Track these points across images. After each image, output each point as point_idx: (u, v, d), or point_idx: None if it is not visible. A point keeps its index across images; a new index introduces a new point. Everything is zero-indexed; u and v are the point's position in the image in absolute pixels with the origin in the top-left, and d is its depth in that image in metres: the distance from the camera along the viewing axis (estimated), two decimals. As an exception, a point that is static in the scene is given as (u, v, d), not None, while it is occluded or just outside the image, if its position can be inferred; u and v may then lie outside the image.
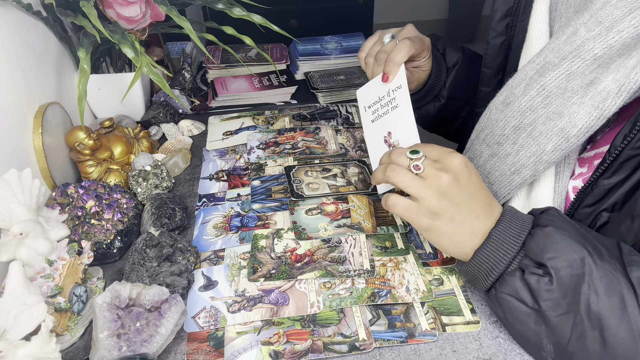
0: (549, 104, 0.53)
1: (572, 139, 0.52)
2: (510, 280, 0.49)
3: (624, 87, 0.48)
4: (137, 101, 0.94)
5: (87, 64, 0.70)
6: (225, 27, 0.89)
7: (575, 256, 0.46)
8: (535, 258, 0.48)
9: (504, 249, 0.50)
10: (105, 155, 0.78)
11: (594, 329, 0.45)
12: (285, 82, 1.08)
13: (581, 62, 0.50)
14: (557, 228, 0.48)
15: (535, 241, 0.48)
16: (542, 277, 0.47)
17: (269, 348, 0.54)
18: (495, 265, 0.51)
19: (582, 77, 0.50)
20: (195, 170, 0.85)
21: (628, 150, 0.49)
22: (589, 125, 0.51)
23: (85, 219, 0.67)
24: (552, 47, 0.53)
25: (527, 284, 0.48)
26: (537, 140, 0.55)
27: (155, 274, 0.60)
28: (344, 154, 0.86)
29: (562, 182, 0.57)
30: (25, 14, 0.75)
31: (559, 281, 0.46)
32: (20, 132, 0.70)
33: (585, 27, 0.49)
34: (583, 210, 0.55)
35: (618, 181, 0.51)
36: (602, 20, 0.48)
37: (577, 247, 0.47)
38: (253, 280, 0.62)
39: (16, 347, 0.46)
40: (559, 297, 0.46)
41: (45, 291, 0.55)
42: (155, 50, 1.06)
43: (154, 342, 0.52)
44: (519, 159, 0.58)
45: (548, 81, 0.53)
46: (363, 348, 0.54)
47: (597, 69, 0.49)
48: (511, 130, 0.58)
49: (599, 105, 0.50)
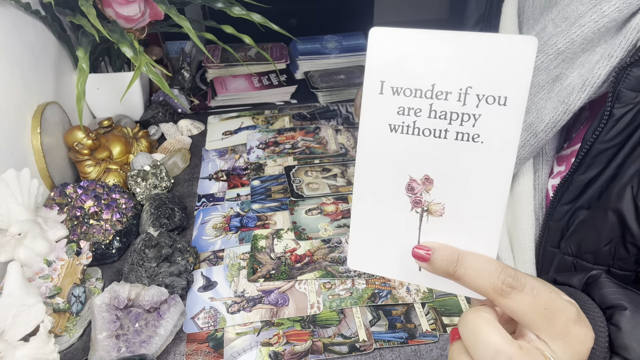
0: None
1: (540, 134, 0.53)
2: None
3: (588, 82, 0.49)
4: (136, 101, 0.94)
5: (86, 63, 0.70)
6: (225, 26, 0.88)
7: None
8: (633, 358, 0.34)
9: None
10: (104, 155, 0.77)
11: None
12: (285, 82, 1.07)
13: (545, 56, 0.51)
14: (635, 305, 0.35)
15: (626, 334, 0.34)
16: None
17: (268, 349, 0.54)
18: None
19: (546, 72, 0.51)
20: (195, 170, 0.84)
21: (598, 144, 0.49)
22: (555, 120, 0.52)
23: (83, 219, 0.67)
24: None
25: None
26: None
27: (154, 274, 0.59)
28: (344, 154, 0.85)
29: (541, 179, 0.58)
30: (24, 13, 0.75)
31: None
32: (19, 131, 0.70)
33: (552, 23, 0.50)
34: (561, 208, 0.55)
35: (592, 176, 0.51)
36: (568, 16, 0.49)
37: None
38: (253, 280, 0.61)
39: (15, 348, 0.46)
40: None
41: (44, 292, 0.55)
42: (155, 50, 1.06)
43: (153, 342, 0.52)
44: None
45: None
46: (363, 349, 0.53)
47: (561, 64, 0.50)
48: None
49: (564, 100, 0.51)
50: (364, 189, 0.36)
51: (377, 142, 0.33)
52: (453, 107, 0.31)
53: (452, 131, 0.31)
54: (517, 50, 0.29)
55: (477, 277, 0.31)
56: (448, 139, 0.31)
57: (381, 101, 0.32)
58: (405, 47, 0.31)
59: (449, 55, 0.30)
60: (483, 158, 0.31)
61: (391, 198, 0.34)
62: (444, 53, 0.30)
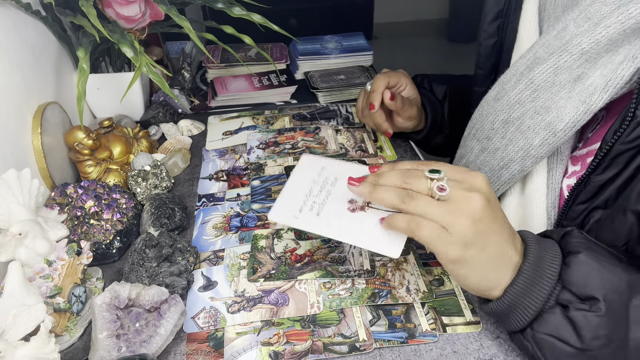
0: (536, 98, 0.54)
1: (559, 133, 0.53)
2: (551, 319, 0.44)
3: (611, 83, 0.49)
4: (137, 101, 0.94)
5: (87, 64, 0.70)
6: (225, 27, 0.88)
7: (622, 283, 0.42)
8: (578, 291, 0.43)
9: (539, 284, 0.44)
10: (105, 155, 0.78)
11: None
12: (285, 82, 1.08)
13: (568, 56, 0.51)
14: (591, 252, 0.44)
15: (574, 272, 0.44)
16: (588, 312, 0.42)
17: (268, 348, 0.54)
18: (530, 303, 0.45)
19: (569, 71, 0.51)
20: (195, 170, 0.84)
21: (618, 145, 0.49)
22: (575, 120, 0.51)
23: (84, 219, 0.67)
24: (542, 43, 0.54)
25: (571, 321, 0.43)
26: (525, 135, 0.56)
27: (155, 274, 0.59)
28: (344, 154, 0.85)
29: (555, 178, 0.58)
30: (24, 13, 0.75)
31: (610, 314, 0.41)
32: (19, 132, 0.70)
33: (574, 23, 0.50)
34: (577, 208, 0.55)
35: (610, 177, 0.51)
36: (590, 16, 0.49)
37: (618, 271, 0.43)
38: (253, 280, 0.61)
39: (15, 348, 0.46)
40: (611, 332, 0.41)
41: (45, 291, 0.55)
42: (155, 50, 1.06)
43: (153, 342, 0.52)
44: (507, 154, 0.58)
45: (536, 75, 0.54)
46: (363, 349, 0.53)
47: (584, 63, 0.50)
48: (500, 124, 0.58)
49: (585, 100, 0.50)
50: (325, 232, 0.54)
51: (313, 220, 0.54)
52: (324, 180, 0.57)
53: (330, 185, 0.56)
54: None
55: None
56: (334, 186, 0.56)
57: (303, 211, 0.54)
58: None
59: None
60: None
61: (343, 216, 0.53)
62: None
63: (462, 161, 0.67)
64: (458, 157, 0.70)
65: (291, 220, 0.54)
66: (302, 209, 0.54)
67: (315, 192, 0.56)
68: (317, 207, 0.54)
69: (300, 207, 0.55)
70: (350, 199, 0.54)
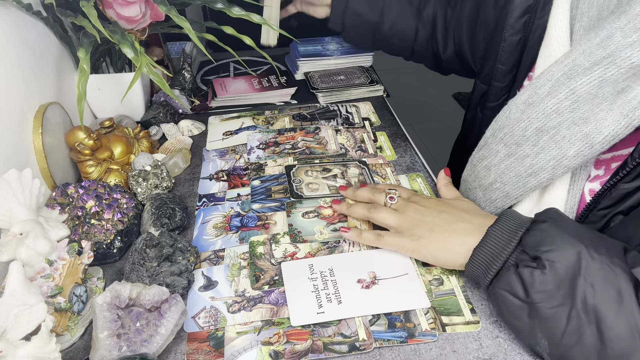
0: (576, 109, 0.52)
1: (596, 145, 0.51)
2: (505, 275, 0.50)
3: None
4: (137, 101, 0.94)
5: (87, 64, 0.70)
6: (225, 27, 0.89)
7: (572, 250, 0.46)
8: (530, 252, 0.49)
9: (501, 245, 0.51)
10: (105, 155, 0.78)
11: (590, 323, 0.45)
12: (285, 83, 1.08)
13: (616, 69, 0.48)
14: (554, 222, 0.49)
15: (532, 235, 0.49)
16: (535, 269, 0.47)
17: (269, 348, 0.54)
18: (493, 262, 0.52)
19: (614, 84, 0.49)
20: (195, 170, 0.85)
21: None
22: (615, 134, 0.50)
23: (85, 219, 0.67)
24: (582, 50, 0.51)
25: (520, 277, 0.48)
26: (560, 144, 0.54)
27: (155, 274, 0.60)
28: (344, 154, 0.86)
29: (578, 185, 0.57)
30: (25, 14, 0.75)
31: (553, 273, 0.46)
32: (20, 132, 0.70)
33: (621, 33, 0.47)
34: (598, 213, 0.54)
35: (638, 185, 0.50)
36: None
37: (573, 240, 0.47)
38: (257, 288, 0.61)
39: (16, 347, 0.46)
40: (553, 289, 0.46)
41: (45, 291, 0.55)
42: (155, 50, 1.06)
43: (154, 342, 0.52)
44: (537, 162, 0.56)
45: (578, 86, 0.51)
46: (363, 348, 0.54)
47: (631, 77, 0.48)
48: (533, 132, 0.56)
49: (628, 114, 0.48)
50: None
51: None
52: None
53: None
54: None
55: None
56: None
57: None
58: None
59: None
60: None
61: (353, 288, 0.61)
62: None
63: (484, 163, 0.65)
64: (479, 159, 0.67)
65: (318, 317, 0.57)
66: (322, 304, 0.58)
67: (321, 287, 0.60)
68: (334, 298, 0.59)
69: (319, 303, 0.58)
70: (359, 279, 0.61)
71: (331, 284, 0.60)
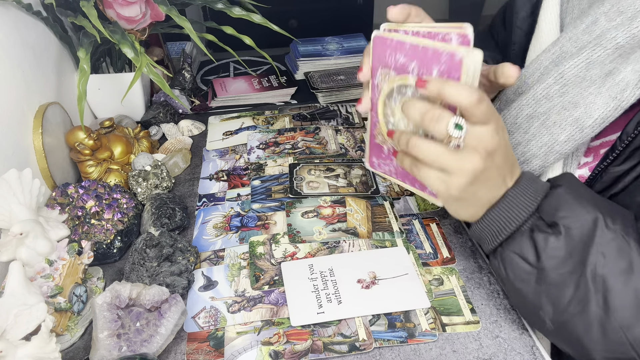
0: (565, 93, 0.53)
1: (586, 129, 0.52)
2: (518, 238, 0.49)
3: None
4: (137, 101, 0.94)
5: (87, 64, 0.70)
6: (225, 27, 0.89)
7: (588, 217, 0.46)
8: (547, 218, 0.47)
9: (518, 209, 0.49)
10: (105, 155, 0.78)
11: (597, 292, 0.44)
12: (285, 83, 1.08)
13: (602, 50, 0.50)
14: (571, 189, 0.48)
15: (548, 202, 0.48)
16: (549, 235, 0.46)
17: (269, 348, 0.54)
18: (507, 224, 0.49)
19: (601, 66, 0.50)
20: (195, 170, 0.85)
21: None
22: (605, 116, 0.50)
23: (85, 219, 0.67)
24: (569, 37, 0.53)
25: (533, 242, 0.47)
26: (550, 130, 0.54)
27: (155, 274, 0.60)
28: (344, 154, 0.86)
29: (570, 172, 0.57)
30: (25, 14, 0.75)
31: (567, 240, 0.46)
32: (21, 132, 0.70)
33: (605, 17, 0.49)
34: None
35: (628, 168, 0.51)
36: (624, 10, 0.48)
37: (590, 208, 0.46)
38: (257, 288, 0.61)
39: (16, 347, 0.46)
40: (565, 256, 0.46)
41: (45, 291, 0.55)
42: (155, 50, 1.06)
43: (154, 342, 0.52)
44: (529, 149, 0.57)
45: (567, 69, 0.52)
46: (363, 348, 0.54)
47: (617, 58, 0.49)
48: (524, 119, 0.57)
49: (616, 96, 0.49)
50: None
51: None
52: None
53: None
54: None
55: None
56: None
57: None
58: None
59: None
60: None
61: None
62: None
63: None
64: None
65: (318, 317, 0.57)
66: (322, 304, 0.58)
67: (321, 287, 0.60)
68: (334, 298, 0.59)
69: (319, 303, 0.58)
70: (358, 279, 0.60)
71: (331, 284, 0.60)
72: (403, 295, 0.59)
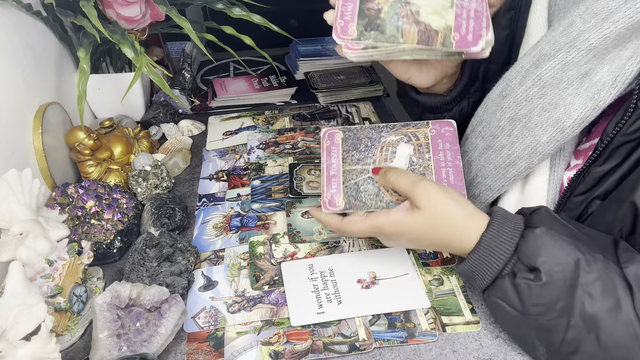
0: (544, 95, 0.54)
1: (567, 130, 0.53)
2: (500, 284, 0.49)
3: (620, 78, 0.49)
4: (137, 101, 0.94)
5: (87, 64, 0.70)
6: (225, 27, 0.89)
7: (569, 259, 0.46)
8: (527, 262, 0.47)
9: (497, 253, 0.49)
10: (105, 155, 0.78)
11: (589, 332, 0.44)
12: (285, 83, 1.08)
13: (576, 52, 0.50)
14: (548, 229, 0.48)
15: (527, 244, 0.48)
16: (531, 282, 0.46)
17: (269, 348, 0.54)
18: (488, 269, 0.50)
19: (577, 67, 0.51)
20: (195, 170, 0.85)
21: (619, 137, 0.49)
22: (584, 116, 0.51)
23: (85, 219, 0.67)
24: (548, 39, 0.54)
25: (516, 288, 0.47)
26: (532, 132, 0.55)
27: (155, 274, 0.60)
28: (344, 154, 0.85)
29: (557, 174, 0.57)
30: (25, 14, 0.75)
31: (550, 287, 0.45)
32: (20, 132, 0.70)
33: (581, 19, 0.50)
34: (575, 199, 0.55)
35: (610, 168, 0.51)
36: (597, 12, 0.48)
37: (569, 249, 0.46)
38: (257, 288, 0.61)
39: (16, 347, 0.46)
40: (550, 302, 0.46)
41: (45, 291, 0.55)
42: (155, 50, 1.06)
43: (154, 342, 0.52)
44: (513, 151, 0.57)
45: (544, 71, 0.53)
46: (363, 348, 0.54)
47: (592, 59, 0.50)
48: (507, 122, 0.58)
49: (594, 97, 0.50)
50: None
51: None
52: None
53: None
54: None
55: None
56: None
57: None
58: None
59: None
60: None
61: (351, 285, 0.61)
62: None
63: (465, 159, 0.66)
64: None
65: (318, 317, 0.57)
66: (322, 304, 0.58)
67: (321, 287, 0.60)
68: (334, 298, 0.58)
69: (319, 303, 0.58)
70: (358, 279, 0.60)
71: (331, 284, 0.60)
72: (403, 295, 0.59)
